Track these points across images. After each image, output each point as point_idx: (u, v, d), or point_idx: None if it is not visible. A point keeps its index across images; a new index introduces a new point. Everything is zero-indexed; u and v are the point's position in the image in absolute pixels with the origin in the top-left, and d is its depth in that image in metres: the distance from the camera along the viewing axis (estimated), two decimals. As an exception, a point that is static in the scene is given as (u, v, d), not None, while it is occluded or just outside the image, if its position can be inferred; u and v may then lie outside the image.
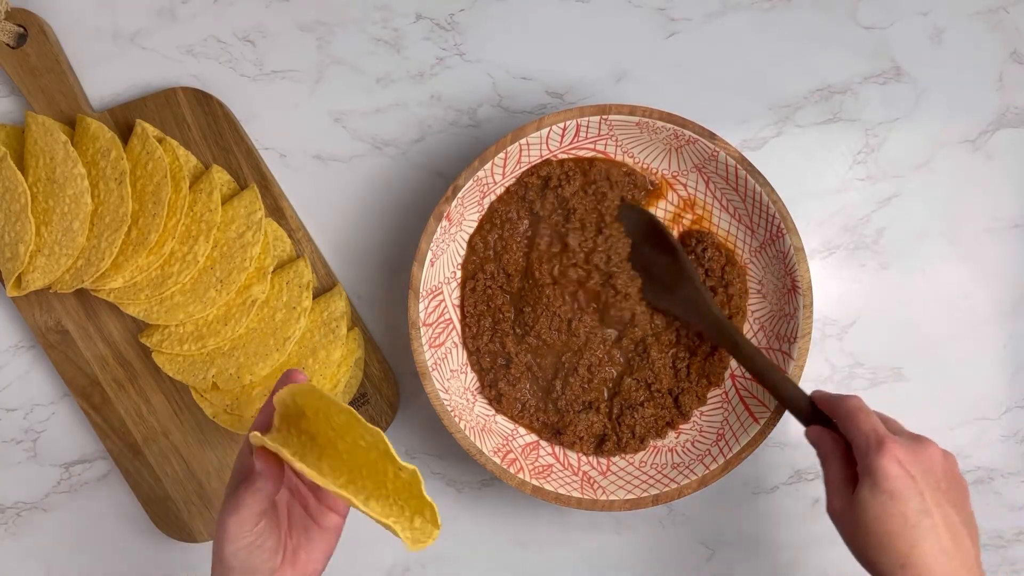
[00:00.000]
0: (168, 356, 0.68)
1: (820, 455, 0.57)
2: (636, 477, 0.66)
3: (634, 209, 0.67)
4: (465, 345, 0.68)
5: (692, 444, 0.67)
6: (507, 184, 0.67)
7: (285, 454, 0.46)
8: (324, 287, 0.70)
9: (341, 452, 0.47)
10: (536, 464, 0.66)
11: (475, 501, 0.73)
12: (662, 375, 0.67)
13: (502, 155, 0.63)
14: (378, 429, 0.45)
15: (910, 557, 0.49)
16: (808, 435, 0.58)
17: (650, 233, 0.66)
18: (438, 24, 0.70)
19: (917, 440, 0.53)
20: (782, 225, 0.63)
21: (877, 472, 0.50)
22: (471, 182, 0.63)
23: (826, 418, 0.58)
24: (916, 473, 0.50)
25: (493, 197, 0.67)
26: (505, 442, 0.66)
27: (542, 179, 0.66)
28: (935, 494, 0.51)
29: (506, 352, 0.68)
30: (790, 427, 0.70)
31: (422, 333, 0.64)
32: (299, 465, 0.46)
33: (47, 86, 0.67)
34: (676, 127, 0.63)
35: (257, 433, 0.48)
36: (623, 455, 0.68)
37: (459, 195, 0.63)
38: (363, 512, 0.45)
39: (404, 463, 0.45)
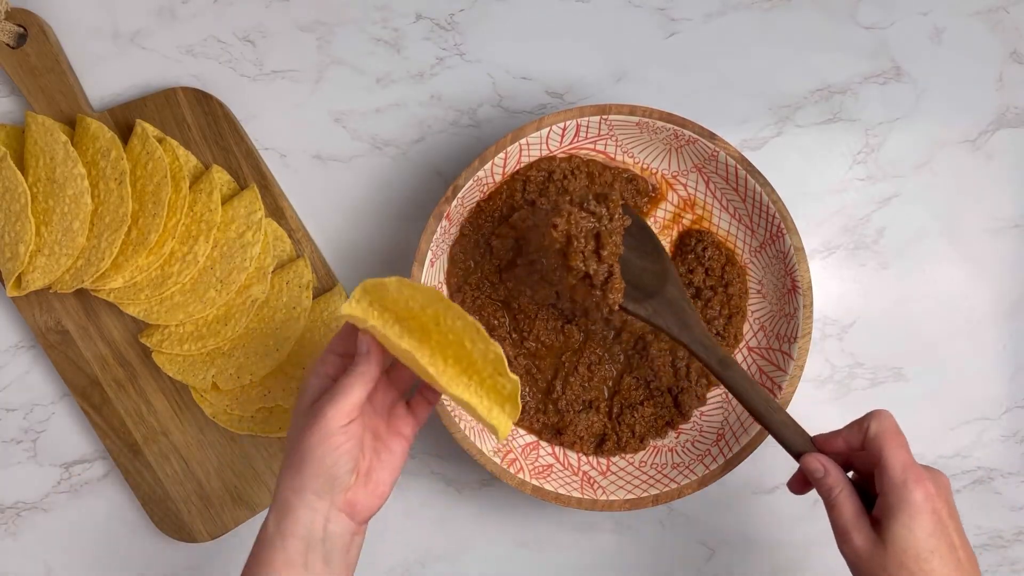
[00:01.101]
0: (168, 356, 0.68)
1: (825, 487, 0.53)
2: (636, 477, 0.66)
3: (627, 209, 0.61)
4: None
5: (692, 444, 0.67)
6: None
7: (392, 333, 0.48)
8: (324, 287, 0.70)
9: (435, 343, 0.50)
10: (536, 464, 0.66)
11: (475, 501, 0.73)
12: (661, 373, 0.68)
13: (502, 155, 0.63)
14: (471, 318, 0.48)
15: None
16: (808, 464, 0.54)
17: (634, 235, 0.61)
18: (438, 24, 0.70)
19: (932, 470, 0.52)
20: (782, 225, 0.63)
21: (914, 507, 0.49)
22: (471, 182, 0.63)
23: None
24: (943, 508, 0.50)
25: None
26: (505, 442, 0.66)
27: (545, 173, 0.66)
28: (957, 526, 0.50)
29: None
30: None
31: (422, 333, 0.64)
32: (406, 344, 0.48)
33: (47, 86, 0.68)
34: (676, 127, 0.63)
35: (358, 314, 0.49)
36: (623, 455, 0.68)
37: (459, 195, 0.63)
38: (455, 397, 0.48)
39: (492, 341, 0.48)
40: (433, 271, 0.65)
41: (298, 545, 0.49)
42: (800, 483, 0.58)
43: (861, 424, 0.53)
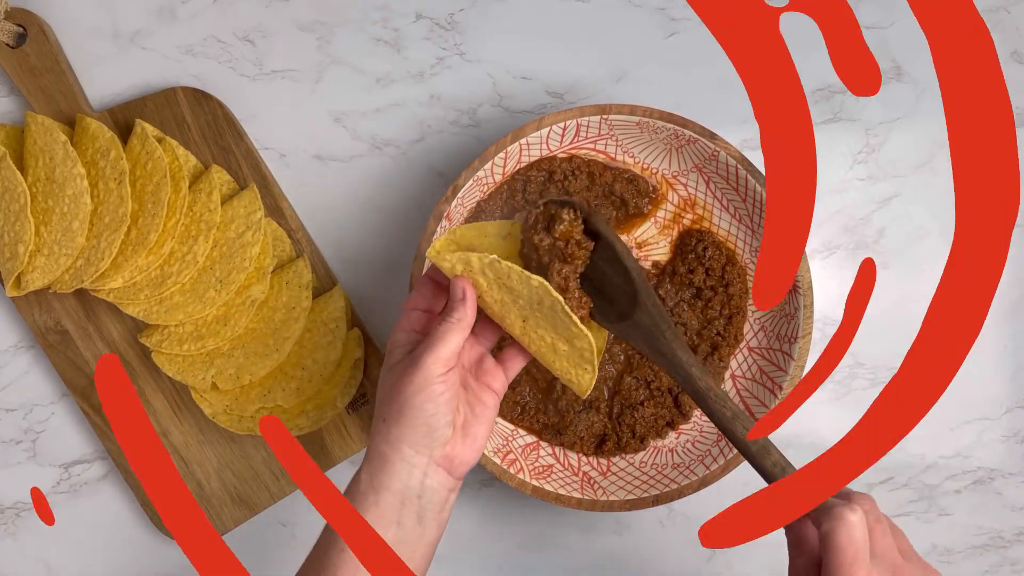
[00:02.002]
0: (168, 356, 0.68)
1: (787, 540, 0.49)
2: (636, 477, 0.66)
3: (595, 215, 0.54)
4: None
5: (692, 444, 0.67)
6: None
7: (496, 264, 0.49)
8: (324, 287, 0.70)
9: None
10: (536, 464, 0.66)
11: (475, 501, 0.73)
12: (662, 373, 0.67)
13: (502, 155, 0.63)
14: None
15: None
16: None
17: (604, 254, 0.53)
18: (438, 24, 0.70)
19: None
20: (782, 225, 0.63)
21: None
22: (471, 182, 0.63)
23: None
24: None
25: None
26: (505, 442, 0.66)
27: (545, 173, 0.66)
28: None
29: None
30: (790, 428, 0.70)
31: (422, 333, 0.64)
32: (516, 268, 0.48)
33: (47, 86, 0.67)
34: (676, 127, 0.63)
35: (461, 253, 0.50)
36: (623, 455, 0.68)
37: (459, 195, 0.63)
38: (572, 324, 0.49)
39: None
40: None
41: (392, 500, 0.48)
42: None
43: (818, 513, 0.47)
